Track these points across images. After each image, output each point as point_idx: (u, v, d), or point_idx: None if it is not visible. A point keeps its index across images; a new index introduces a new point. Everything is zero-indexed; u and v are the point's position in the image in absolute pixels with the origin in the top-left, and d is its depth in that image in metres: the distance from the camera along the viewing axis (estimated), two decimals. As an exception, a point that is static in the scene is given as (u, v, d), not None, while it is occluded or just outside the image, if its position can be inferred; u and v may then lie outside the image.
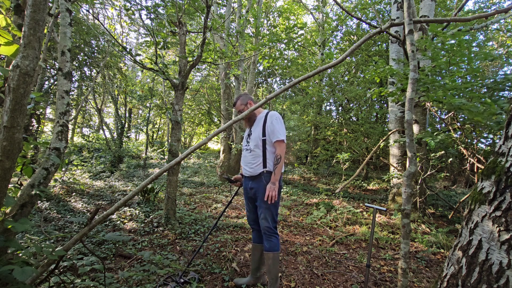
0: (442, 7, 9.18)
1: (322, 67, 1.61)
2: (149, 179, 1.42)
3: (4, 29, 1.63)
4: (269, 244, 2.13)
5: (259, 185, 2.16)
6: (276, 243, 2.13)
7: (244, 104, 2.35)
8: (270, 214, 2.12)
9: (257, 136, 2.22)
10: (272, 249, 2.12)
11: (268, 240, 2.13)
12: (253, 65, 8.64)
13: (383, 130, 7.92)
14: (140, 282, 2.27)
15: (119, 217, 4.00)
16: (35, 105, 2.27)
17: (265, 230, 2.13)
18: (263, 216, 2.14)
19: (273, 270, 2.13)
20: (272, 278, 2.14)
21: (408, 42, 1.93)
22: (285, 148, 2.14)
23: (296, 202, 5.72)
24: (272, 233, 2.13)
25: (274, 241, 2.13)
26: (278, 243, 2.15)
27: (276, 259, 2.13)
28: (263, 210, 2.14)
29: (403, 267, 1.72)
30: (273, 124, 2.14)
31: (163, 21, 4.12)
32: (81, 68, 8.85)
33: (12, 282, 1.24)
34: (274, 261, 2.12)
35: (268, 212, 2.12)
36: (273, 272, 2.13)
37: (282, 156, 2.09)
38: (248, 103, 2.35)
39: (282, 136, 2.11)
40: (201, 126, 16.64)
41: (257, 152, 2.19)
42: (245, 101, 2.35)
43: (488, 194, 1.30)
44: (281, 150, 2.10)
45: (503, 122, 2.43)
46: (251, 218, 2.38)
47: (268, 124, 2.16)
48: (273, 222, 2.13)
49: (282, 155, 2.09)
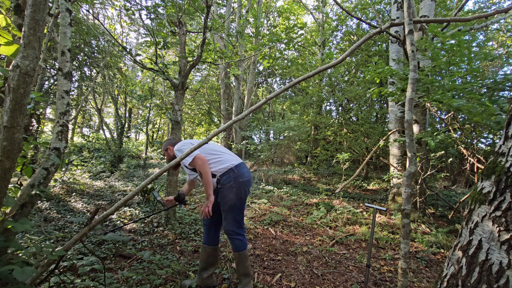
0: (442, 7, 9.18)
1: (322, 67, 1.61)
2: (149, 179, 1.42)
3: (4, 29, 1.63)
4: (233, 245, 2.15)
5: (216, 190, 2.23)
6: (239, 244, 2.14)
7: (165, 149, 2.41)
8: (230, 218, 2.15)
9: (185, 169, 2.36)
10: (237, 249, 2.14)
11: (232, 242, 2.15)
12: (253, 65, 8.64)
13: (383, 130, 7.93)
14: (140, 282, 2.27)
15: (119, 217, 4.00)
16: (35, 105, 2.27)
17: (228, 233, 2.15)
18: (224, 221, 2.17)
19: (241, 268, 2.16)
20: (241, 275, 2.17)
21: (408, 42, 1.93)
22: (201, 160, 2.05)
23: (296, 202, 5.72)
24: (234, 235, 2.14)
25: (237, 242, 2.14)
26: (242, 243, 2.15)
27: (241, 258, 2.15)
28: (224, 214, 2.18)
29: (403, 267, 1.72)
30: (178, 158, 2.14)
31: (163, 21, 4.12)
32: (81, 68, 8.86)
33: (12, 282, 1.24)
34: (241, 260, 2.15)
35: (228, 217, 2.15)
36: (242, 271, 2.16)
37: (202, 170, 2.05)
38: (168, 149, 2.38)
39: (189, 158, 2.05)
40: (201, 126, 16.64)
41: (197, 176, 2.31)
42: (165, 147, 2.40)
43: (488, 194, 1.30)
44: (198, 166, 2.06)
45: (503, 122, 2.43)
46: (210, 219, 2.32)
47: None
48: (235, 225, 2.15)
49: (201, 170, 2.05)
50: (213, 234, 2.31)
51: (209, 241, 2.31)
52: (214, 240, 2.31)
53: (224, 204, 2.13)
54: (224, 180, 2.13)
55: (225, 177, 2.14)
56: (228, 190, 2.11)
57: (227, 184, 2.12)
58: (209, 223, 2.31)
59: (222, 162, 2.17)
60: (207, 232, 2.32)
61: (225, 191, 2.12)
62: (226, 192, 2.12)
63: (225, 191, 2.12)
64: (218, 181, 2.17)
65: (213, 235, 2.31)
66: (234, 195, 2.11)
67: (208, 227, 2.31)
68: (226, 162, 2.17)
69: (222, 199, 2.14)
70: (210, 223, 2.31)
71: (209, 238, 2.31)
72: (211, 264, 2.31)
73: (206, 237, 2.32)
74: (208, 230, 2.32)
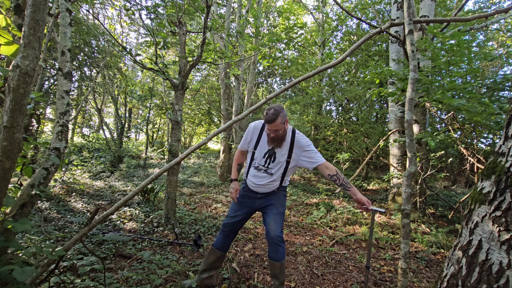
0: (442, 7, 9.18)
1: (322, 67, 1.62)
2: (149, 179, 1.42)
3: (4, 29, 1.63)
4: (281, 253, 2.06)
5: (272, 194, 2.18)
6: (284, 252, 2.10)
7: (283, 123, 1.93)
8: (281, 222, 2.11)
9: (283, 160, 2.07)
10: (281, 258, 2.07)
11: (279, 249, 2.06)
12: (253, 65, 8.64)
13: (383, 130, 7.93)
14: (140, 282, 2.27)
15: (119, 217, 4.00)
16: (35, 105, 2.27)
17: (276, 239, 2.04)
18: (276, 225, 2.07)
19: (282, 277, 2.13)
20: (280, 284, 2.14)
21: (408, 42, 1.93)
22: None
23: (296, 202, 5.72)
24: (282, 242, 2.07)
25: (282, 251, 2.08)
26: (285, 252, 2.11)
27: (284, 267, 2.13)
28: (276, 217, 2.09)
29: (403, 267, 1.72)
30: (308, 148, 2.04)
31: (163, 21, 4.12)
32: (81, 68, 8.85)
33: (12, 282, 1.24)
34: (283, 268, 2.12)
35: (280, 220, 2.09)
36: (282, 279, 2.13)
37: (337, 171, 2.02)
38: (286, 122, 1.98)
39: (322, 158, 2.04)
40: (201, 126, 16.63)
41: (278, 176, 2.12)
42: (284, 119, 1.94)
43: (488, 194, 1.30)
44: (332, 167, 2.02)
45: (503, 122, 2.43)
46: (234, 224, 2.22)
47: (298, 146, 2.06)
48: (282, 231, 2.12)
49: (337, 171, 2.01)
50: (228, 241, 2.27)
51: (223, 247, 2.26)
52: (227, 247, 2.29)
53: (281, 207, 2.16)
54: (284, 188, 2.23)
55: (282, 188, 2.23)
56: (283, 196, 2.22)
57: (283, 192, 2.23)
58: (231, 229, 2.24)
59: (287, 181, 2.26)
60: (223, 238, 2.24)
61: (281, 196, 2.20)
62: (282, 197, 2.21)
63: (281, 196, 2.20)
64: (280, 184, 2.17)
65: (228, 242, 2.27)
66: (285, 202, 2.22)
67: (228, 233, 2.24)
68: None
69: (278, 201, 2.16)
70: (232, 229, 2.24)
71: (224, 244, 2.25)
72: (215, 267, 2.30)
73: (221, 242, 2.25)
74: (226, 236, 2.24)
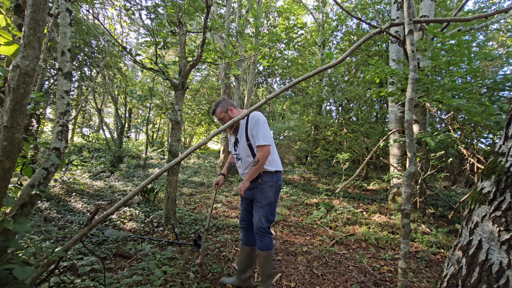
0: (442, 7, 9.18)
1: (322, 67, 1.61)
2: (149, 179, 1.42)
3: (4, 29, 1.63)
4: (261, 243, 2.13)
5: (255, 185, 2.18)
6: (268, 243, 2.13)
7: (224, 111, 2.24)
8: (264, 214, 2.13)
9: (244, 143, 2.19)
10: (265, 248, 2.12)
11: (260, 240, 2.13)
12: (253, 65, 8.64)
13: (383, 130, 7.92)
14: (140, 282, 2.27)
15: (119, 217, 4.00)
16: (35, 105, 2.27)
17: (258, 230, 2.13)
18: (257, 216, 2.14)
19: (266, 268, 2.15)
20: (264, 276, 2.16)
21: (408, 42, 1.93)
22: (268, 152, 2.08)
23: (296, 202, 5.72)
24: (264, 233, 2.12)
25: (267, 241, 2.13)
26: (270, 242, 2.14)
27: (268, 258, 2.14)
28: (257, 209, 2.15)
29: (403, 267, 1.72)
30: (254, 128, 2.12)
31: (163, 21, 4.12)
32: (81, 68, 8.85)
33: (12, 282, 1.24)
34: (266, 260, 2.14)
35: (262, 212, 2.13)
36: (265, 271, 2.15)
37: (261, 161, 2.07)
38: (229, 110, 2.25)
39: (263, 141, 2.06)
40: (201, 126, 16.64)
41: (249, 160, 2.20)
42: (225, 108, 2.25)
43: (488, 194, 1.30)
44: (262, 155, 2.06)
45: (503, 122, 2.43)
46: (243, 218, 2.38)
47: (249, 127, 2.15)
48: (266, 222, 2.13)
49: (261, 160, 2.06)
50: (251, 235, 2.33)
51: (248, 241, 2.34)
52: (252, 241, 2.34)
53: (263, 200, 2.15)
54: (266, 178, 2.18)
55: (268, 177, 2.18)
56: (269, 188, 2.17)
57: (269, 183, 2.17)
58: (246, 225, 2.35)
59: (274, 165, 2.22)
60: (245, 234, 2.36)
61: (265, 188, 2.16)
62: (267, 189, 2.17)
63: (265, 188, 2.16)
64: (259, 177, 2.17)
65: (251, 236, 2.33)
66: (273, 194, 2.17)
67: (246, 229, 2.35)
68: (277, 165, 2.23)
69: (260, 195, 2.16)
70: (247, 225, 2.34)
71: (248, 239, 2.34)
72: (249, 265, 2.33)
73: (245, 238, 2.36)
74: (246, 231, 2.36)
